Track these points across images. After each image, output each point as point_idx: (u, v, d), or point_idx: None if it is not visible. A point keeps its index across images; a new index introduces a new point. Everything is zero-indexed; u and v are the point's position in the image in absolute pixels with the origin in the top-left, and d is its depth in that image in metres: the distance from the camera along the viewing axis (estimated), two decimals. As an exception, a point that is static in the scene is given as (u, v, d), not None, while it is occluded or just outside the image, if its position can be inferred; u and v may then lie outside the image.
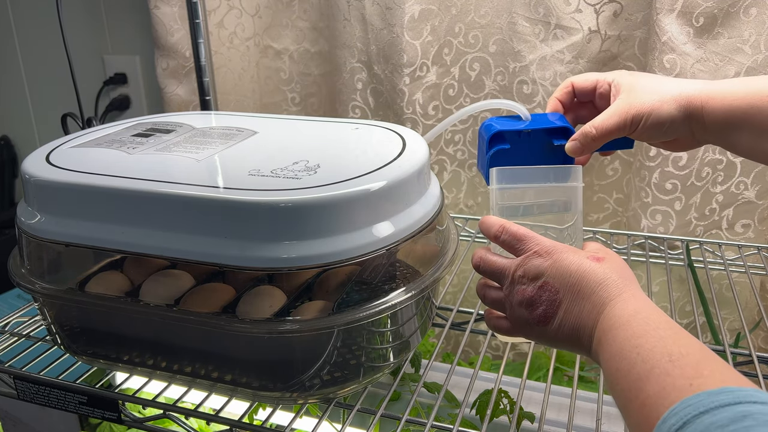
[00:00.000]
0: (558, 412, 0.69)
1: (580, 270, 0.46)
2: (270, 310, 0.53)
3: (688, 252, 0.84)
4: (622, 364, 0.39)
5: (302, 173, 0.53)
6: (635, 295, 0.44)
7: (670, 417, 0.33)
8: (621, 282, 0.45)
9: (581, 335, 0.45)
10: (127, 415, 0.57)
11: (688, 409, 0.32)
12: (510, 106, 0.61)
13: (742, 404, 0.31)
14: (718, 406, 0.31)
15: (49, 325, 0.62)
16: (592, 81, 0.60)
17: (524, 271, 0.48)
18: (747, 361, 0.62)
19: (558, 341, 0.48)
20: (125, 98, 1.38)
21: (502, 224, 0.52)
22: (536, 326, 0.48)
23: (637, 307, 0.42)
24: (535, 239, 0.50)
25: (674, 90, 0.55)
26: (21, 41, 1.45)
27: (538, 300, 0.47)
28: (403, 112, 1.02)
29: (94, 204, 0.53)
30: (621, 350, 0.40)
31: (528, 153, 0.59)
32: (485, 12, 0.97)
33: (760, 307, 0.72)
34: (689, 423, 0.31)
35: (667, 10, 0.83)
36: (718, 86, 0.54)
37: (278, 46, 1.16)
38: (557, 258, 0.47)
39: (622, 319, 0.42)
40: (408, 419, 0.55)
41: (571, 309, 0.46)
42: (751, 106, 0.52)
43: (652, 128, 0.55)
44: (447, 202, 1.09)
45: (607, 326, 0.43)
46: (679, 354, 0.37)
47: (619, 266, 0.47)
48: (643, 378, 0.37)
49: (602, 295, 0.44)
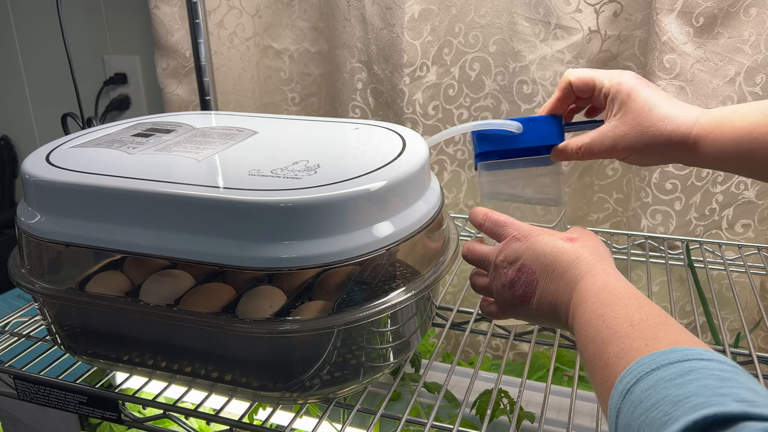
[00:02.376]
0: (558, 412, 0.69)
1: (554, 251, 0.49)
2: (270, 310, 0.53)
3: (688, 252, 0.84)
4: (590, 332, 0.42)
5: (302, 173, 0.53)
6: (604, 270, 0.47)
7: (626, 375, 0.36)
8: (592, 258, 0.48)
9: (558, 311, 0.49)
10: (127, 415, 0.57)
11: (641, 367, 0.35)
12: (503, 126, 0.61)
13: (690, 361, 0.34)
14: (667, 363, 0.34)
15: (49, 325, 0.62)
16: (589, 81, 0.59)
17: (504, 255, 0.53)
18: (747, 361, 0.62)
19: (540, 318, 0.52)
20: (125, 98, 1.38)
21: (485, 213, 0.56)
22: (519, 306, 0.52)
23: (606, 281, 0.45)
24: (513, 225, 0.54)
25: (678, 119, 0.53)
26: (21, 41, 1.45)
27: (518, 281, 0.51)
28: (403, 112, 1.02)
29: (94, 204, 0.53)
30: (589, 320, 0.43)
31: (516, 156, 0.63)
32: (485, 12, 0.97)
33: (760, 307, 0.72)
34: (641, 379, 0.34)
35: (667, 10, 0.83)
36: (715, 118, 0.52)
37: (278, 46, 1.16)
38: (533, 241, 0.51)
39: (591, 292, 0.45)
40: (408, 419, 0.55)
41: (548, 287, 0.49)
42: (750, 141, 0.50)
43: (650, 157, 0.56)
44: (447, 202, 1.09)
45: (578, 300, 0.46)
46: (639, 319, 0.40)
47: (592, 244, 0.50)
48: (606, 342, 0.40)
49: (574, 272, 0.48)
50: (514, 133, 0.60)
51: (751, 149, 0.50)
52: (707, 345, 0.37)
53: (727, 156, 0.51)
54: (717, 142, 0.51)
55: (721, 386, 0.31)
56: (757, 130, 0.49)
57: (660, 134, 0.53)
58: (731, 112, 0.51)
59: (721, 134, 0.51)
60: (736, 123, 0.50)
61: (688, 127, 0.52)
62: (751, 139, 0.49)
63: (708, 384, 0.32)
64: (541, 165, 0.62)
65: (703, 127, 0.52)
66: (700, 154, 0.52)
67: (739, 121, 0.50)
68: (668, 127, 0.53)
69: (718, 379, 0.32)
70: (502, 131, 0.60)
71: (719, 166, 0.54)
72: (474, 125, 0.61)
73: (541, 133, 0.60)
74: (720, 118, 0.52)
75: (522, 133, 0.60)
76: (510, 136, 0.60)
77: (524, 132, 0.60)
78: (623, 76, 0.57)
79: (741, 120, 0.50)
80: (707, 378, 0.32)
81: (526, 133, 0.60)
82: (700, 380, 0.32)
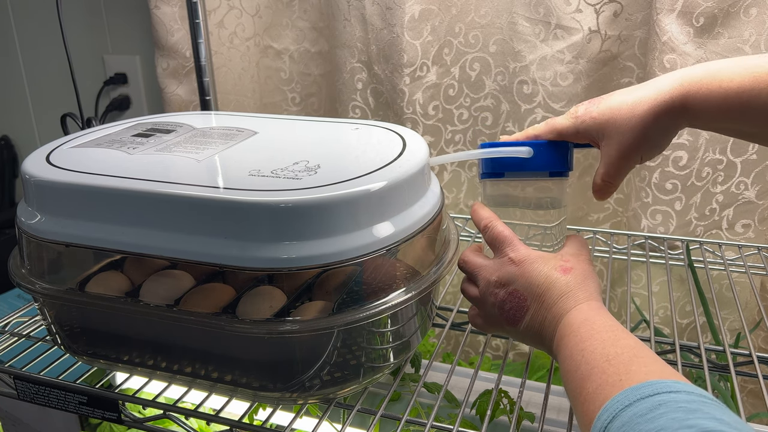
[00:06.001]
0: (558, 412, 0.69)
1: (547, 282, 0.51)
2: (270, 310, 0.53)
3: (688, 252, 0.84)
4: (571, 366, 0.44)
5: (302, 173, 0.53)
6: (590, 304, 0.49)
7: (603, 413, 0.37)
8: (581, 294, 0.50)
9: (544, 338, 0.51)
10: (127, 415, 0.57)
11: (616, 404, 0.37)
12: (514, 153, 0.57)
13: (660, 395, 0.36)
14: (639, 398, 0.36)
15: (49, 325, 0.62)
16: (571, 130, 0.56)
17: (498, 276, 0.53)
18: (747, 361, 0.62)
19: (525, 339, 0.54)
20: (125, 98, 1.38)
21: (489, 220, 0.56)
22: (506, 325, 0.54)
23: (588, 315, 0.47)
24: (512, 245, 0.54)
25: (649, 100, 0.50)
26: (21, 41, 1.45)
27: (507, 304, 0.53)
28: (403, 112, 1.02)
29: (94, 204, 0.53)
30: (571, 354, 0.45)
31: None
32: (485, 12, 0.97)
33: (760, 307, 0.72)
34: (617, 417, 0.36)
35: (668, 10, 0.83)
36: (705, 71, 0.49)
37: (278, 46, 1.16)
38: (528, 268, 0.52)
39: (573, 326, 0.47)
40: (408, 419, 0.55)
41: (536, 315, 0.51)
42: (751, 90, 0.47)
43: (648, 150, 0.53)
44: (447, 202, 1.09)
45: (561, 334, 0.48)
46: (615, 354, 0.42)
47: (583, 276, 0.51)
48: (585, 377, 0.42)
49: (562, 306, 0.49)
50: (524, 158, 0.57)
51: (741, 111, 0.48)
52: (679, 374, 0.39)
53: (717, 117, 0.49)
54: (707, 100, 0.48)
55: (688, 418, 0.33)
56: (747, 93, 0.47)
57: (644, 116, 0.50)
58: (717, 71, 0.49)
59: (709, 93, 0.48)
60: (724, 83, 0.48)
61: (667, 92, 0.50)
62: (742, 101, 0.47)
63: (676, 417, 0.34)
64: (547, 180, 0.58)
65: (686, 88, 0.49)
66: (693, 112, 0.49)
67: (728, 81, 0.48)
68: (648, 96, 0.50)
69: (685, 411, 0.34)
70: (508, 171, 0.58)
71: (714, 126, 0.52)
72: (485, 152, 0.58)
73: (550, 158, 0.57)
74: (705, 76, 0.49)
75: (531, 158, 0.57)
76: (519, 160, 0.57)
77: (534, 156, 0.57)
78: (578, 111, 0.55)
79: (729, 80, 0.48)
80: (675, 411, 0.34)
81: (535, 158, 0.57)
82: (668, 414, 0.34)
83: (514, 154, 0.57)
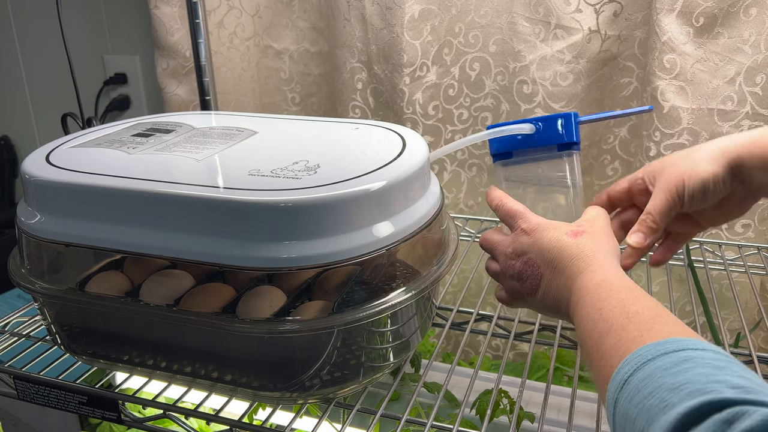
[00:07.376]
0: (558, 412, 0.69)
1: (558, 246, 0.51)
2: (270, 310, 0.53)
3: (688, 252, 0.84)
4: (588, 325, 0.43)
5: (302, 173, 0.53)
6: (603, 265, 0.48)
7: (623, 366, 0.36)
8: (592, 254, 0.49)
9: (560, 304, 0.50)
10: (127, 415, 0.57)
11: (638, 358, 0.36)
12: (516, 130, 0.60)
13: (685, 350, 0.35)
14: (663, 353, 0.35)
15: (49, 325, 0.62)
16: (624, 185, 0.60)
17: (513, 248, 0.54)
18: (747, 361, 0.62)
19: (545, 309, 0.54)
20: (125, 98, 1.38)
21: (501, 199, 0.58)
22: (527, 297, 0.54)
23: (603, 276, 0.46)
24: (524, 217, 0.55)
25: (707, 148, 0.54)
26: (21, 41, 1.45)
27: (525, 274, 0.53)
28: (403, 112, 1.02)
29: (94, 204, 0.53)
30: (588, 314, 0.44)
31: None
32: (485, 12, 0.97)
33: (760, 307, 0.72)
34: (638, 370, 0.35)
35: (667, 10, 0.83)
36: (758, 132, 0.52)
37: (278, 46, 1.16)
38: (539, 236, 0.52)
39: (589, 288, 0.46)
40: (408, 419, 0.55)
41: (551, 281, 0.51)
42: None
43: (698, 191, 0.54)
44: (447, 202, 1.09)
45: (577, 296, 0.47)
46: (635, 312, 0.41)
47: (596, 238, 0.51)
48: (603, 335, 0.41)
49: (574, 268, 0.49)
50: (528, 134, 0.60)
51: None
52: (701, 337, 0.38)
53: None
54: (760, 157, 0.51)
55: (716, 374, 0.32)
56: None
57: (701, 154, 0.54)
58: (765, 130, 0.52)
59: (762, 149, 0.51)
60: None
61: (732, 141, 0.53)
62: None
63: (703, 372, 0.32)
64: (558, 157, 0.61)
65: (749, 136, 0.52)
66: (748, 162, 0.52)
67: None
68: (709, 147, 0.54)
69: (713, 367, 0.33)
70: (515, 148, 0.60)
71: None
72: (489, 133, 0.60)
73: (556, 131, 0.59)
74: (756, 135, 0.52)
75: (536, 133, 0.60)
76: (525, 138, 0.60)
77: (538, 131, 0.60)
78: (652, 165, 0.58)
79: None
80: (702, 366, 0.33)
81: (540, 133, 0.60)
82: (695, 368, 0.33)
83: (517, 131, 0.60)
